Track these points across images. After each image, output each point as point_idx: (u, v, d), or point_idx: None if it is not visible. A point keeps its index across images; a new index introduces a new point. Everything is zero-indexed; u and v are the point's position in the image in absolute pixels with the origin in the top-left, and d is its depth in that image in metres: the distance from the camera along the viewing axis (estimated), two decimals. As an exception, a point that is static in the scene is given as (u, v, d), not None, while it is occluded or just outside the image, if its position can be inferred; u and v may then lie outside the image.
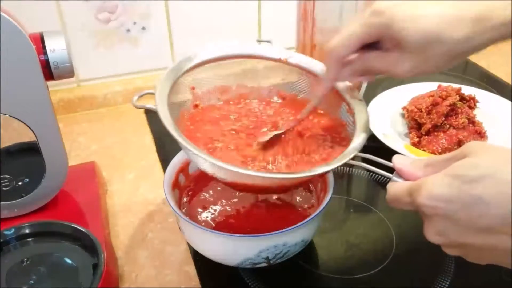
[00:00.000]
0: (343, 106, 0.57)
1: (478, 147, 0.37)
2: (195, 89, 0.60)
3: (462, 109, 0.77)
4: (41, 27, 0.55)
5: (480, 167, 0.35)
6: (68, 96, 0.90)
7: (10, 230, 0.57)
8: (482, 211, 0.35)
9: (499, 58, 1.07)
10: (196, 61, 0.58)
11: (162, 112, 0.50)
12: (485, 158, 0.36)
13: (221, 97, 0.62)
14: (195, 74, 0.59)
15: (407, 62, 0.46)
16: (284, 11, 0.93)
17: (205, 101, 0.61)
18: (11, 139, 0.62)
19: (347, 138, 0.55)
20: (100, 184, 0.69)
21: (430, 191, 0.37)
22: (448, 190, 0.36)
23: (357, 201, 0.69)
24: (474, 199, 0.35)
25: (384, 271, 0.58)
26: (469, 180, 0.35)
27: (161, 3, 0.88)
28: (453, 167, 0.37)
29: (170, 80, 0.55)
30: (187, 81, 0.58)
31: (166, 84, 0.54)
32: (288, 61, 0.60)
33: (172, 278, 0.59)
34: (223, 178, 0.51)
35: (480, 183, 0.35)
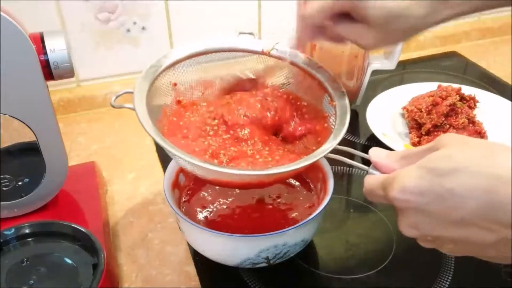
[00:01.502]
0: (326, 98, 0.57)
1: (452, 139, 0.38)
2: (177, 85, 0.59)
3: (462, 109, 0.77)
4: (41, 27, 0.55)
5: (453, 160, 0.35)
6: (68, 96, 0.90)
7: (10, 230, 0.57)
8: (454, 204, 0.35)
9: (499, 58, 1.08)
10: (175, 57, 0.58)
11: (139, 111, 0.50)
12: (458, 151, 0.36)
13: (205, 92, 0.61)
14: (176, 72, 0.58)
15: (371, 35, 0.49)
16: (284, 11, 0.93)
17: (188, 97, 0.60)
18: (11, 139, 0.62)
19: (328, 129, 0.55)
20: (100, 184, 0.69)
21: (402, 184, 0.37)
22: (420, 182, 0.36)
23: (357, 201, 0.69)
24: (446, 191, 0.35)
25: (384, 271, 0.58)
26: (442, 172, 0.35)
27: (161, 3, 0.88)
28: (426, 159, 0.37)
29: (149, 78, 0.55)
30: (167, 78, 0.58)
31: (144, 83, 0.54)
32: (271, 53, 0.60)
33: (172, 278, 0.59)
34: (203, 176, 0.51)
35: (453, 175, 0.35)
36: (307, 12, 0.51)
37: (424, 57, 1.09)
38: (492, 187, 0.34)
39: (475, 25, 1.15)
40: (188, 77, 0.60)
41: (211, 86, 0.62)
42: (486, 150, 0.36)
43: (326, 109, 0.57)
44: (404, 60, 1.04)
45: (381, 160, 0.43)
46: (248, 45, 0.60)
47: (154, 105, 0.55)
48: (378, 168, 0.44)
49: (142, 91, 0.53)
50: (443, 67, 1.04)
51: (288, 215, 0.58)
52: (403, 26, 0.47)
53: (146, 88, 0.53)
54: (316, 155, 0.50)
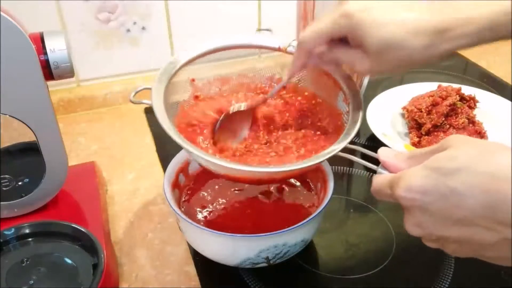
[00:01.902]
0: (340, 95, 0.57)
1: (459, 140, 0.38)
2: (195, 81, 0.60)
3: (462, 109, 0.77)
4: (41, 27, 0.55)
5: (457, 160, 0.36)
6: (68, 96, 0.90)
7: (10, 230, 0.57)
8: (457, 203, 0.35)
9: (499, 58, 1.08)
10: (193, 53, 0.58)
11: (157, 106, 0.51)
12: (463, 151, 0.37)
13: (222, 88, 0.62)
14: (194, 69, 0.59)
15: (367, 62, 0.49)
16: (284, 11, 0.94)
17: (205, 92, 0.61)
18: (11, 139, 0.62)
19: (342, 127, 0.55)
20: (100, 184, 0.69)
21: (408, 183, 0.38)
22: (425, 181, 0.37)
23: (357, 201, 0.69)
24: (450, 190, 0.35)
25: (384, 271, 0.58)
26: (446, 172, 0.36)
27: (161, 3, 0.88)
28: (432, 159, 0.38)
29: (167, 74, 0.55)
30: (186, 74, 0.58)
31: (163, 79, 0.54)
32: (288, 50, 0.60)
33: (172, 278, 0.59)
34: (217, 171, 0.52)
35: (457, 175, 0.35)
36: (303, 36, 0.51)
37: (424, 57, 1.09)
38: (491, 186, 0.34)
39: (475, 25, 1.15)
40: (206, 73, 0.60)
41: (228, 82, 0.62)
42: (487, 149, 0.36)
43: (341, 107, 0.58)
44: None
45: (389, 160, 0.44)
46: (265, 41, 0.61)
47: (172, 101, 0.55)
48: (386, 168, 0.44)
49: (160, 87, 0.53)
50: (443, 67, 1.04)
51: (288, 215, 0.58)
52: (400, 56, 0.47)
53: (164, 84, 0.54)
54: (327, 153, 0.50)
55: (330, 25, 0.49)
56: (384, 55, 0.47)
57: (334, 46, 0.51)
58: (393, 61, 0.48)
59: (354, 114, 0.54)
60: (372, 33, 0.47)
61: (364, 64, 0.49)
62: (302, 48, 0.52)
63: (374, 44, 0.47)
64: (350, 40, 0.49)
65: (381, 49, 0.47)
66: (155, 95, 0.52)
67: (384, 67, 0.49)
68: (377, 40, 0.47)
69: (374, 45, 0.47)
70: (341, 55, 0.51)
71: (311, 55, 0.52)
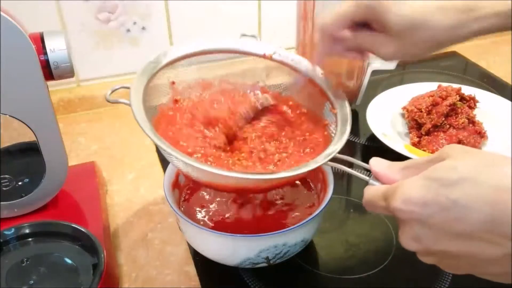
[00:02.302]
0: (327, 105, 0.57)
1: (457, 150, 0.36)
2: (175, 84, 0.58)
3: (462, 109, 0.77)
4: (41, 27, 0.55)
5: (458, 170, 0.34)
6: (68, 96, 0.90)
7: (10, 230, 0.57)
8: (459, 215, 0.34)
9: (499, 58, 1.08)
10: (174, 55, 0.56)
11: (135, 107, 0.49)
12: (464, 162, 0.35)
13: (203, 93, 0.60)
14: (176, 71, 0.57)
15: (391, 45, 0.47)
16: (284, 11, 0.93)
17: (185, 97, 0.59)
18: (11, 139, 0.62)
19: (328, 137, 0.55)
20: (100, 184, 0.69)
21: (406, 195, 0.36)
22: (424, 193, 0.35)
23: (357, 201, 0.69)
24: (451, 202, 0.34)
25: (384, 271, 0.58)
26: (447, 183, 0.34)
27: (161, 3, 0.88)
28: (431, 170, 0.36)
29: (147, 74, 0.54)
30: (166, 76, 0.57)
31: (142, 79, 0.53)
32: (273, 57, 0.59)
33: (172, 278, 0.59)
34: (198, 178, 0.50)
35: (458, 186, 0.34)
36: (325, 20, 0.49)
37: (424, 57, 1.09)
38: (495, 198, 0.33)
39: (475, 25, 1.15)
40: (186, 76, 0.59)
41: (209, 87, 0.60)
42: (487, 160, 0.35)
43: (327, 116, 0.57)
44: (404, 60, 1.04)
45: (382, 171, 0.42)
46: (250, 47, 0.59)
47: (151, 102, 0.54)
48: (379, 179, 0.42)
49: (139, 87, 0.52)
50: (443, 67, 1.04)
51: (288, 215, 0.58)
52: (425, 37, 0.45)
53: (143, 84, 0.52)
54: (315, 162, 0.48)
55: (352, 7, 0.47)
56: (408, 36, 0.45)
57: (357, 31, 0.49)
58: (419, 43, 0.46)
59: (342, 124, 0.53)
60: (395, 11, 0.44)
61: (389, 47, 0.47)
62: (325, 34, 0.50)
63: (398, 23, 0.44)
64: (373, 22, 0.47)
65: (405, 29, 0.45)
66: (134, 95, 0.50)
67: (409, 50, 0.47)
68: (401, 19, 0.44)
69: (397, 24, 0.45)
70: (364, 40, 0.49)
71: (335, 41, 0.50)
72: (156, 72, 0.55)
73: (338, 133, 0.52)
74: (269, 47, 0.59)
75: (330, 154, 0.49)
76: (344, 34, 0.49)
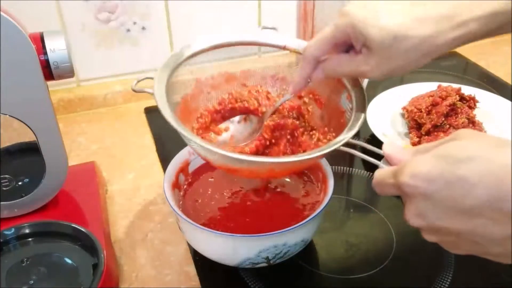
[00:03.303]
0: (344, 93, 0.57)
1: (469, 133, 0.37)
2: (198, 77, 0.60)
3: (462, 109, 0.77)
4: (41, 27, 0.55)
5: (467, 149, 0.35)
6: (68, 96, 0.90)
7: (10, 230, 0.57)
8: (464, 192, 0.34)
9: (499, 58, 1.08)
10: (196, 48, 0.58)
11: (158, 95, 0.51)
12: (473, 142, 0.36)
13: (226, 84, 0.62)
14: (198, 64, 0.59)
15: (373, 61, 0.47)
16: (284, 11, 0.93)
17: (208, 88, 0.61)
18: (11, 139, 0.62)
19: (344, 124, 0.55)
20: (100, 184, 0.69)
21: (413, 170, 0.36)
22: (431, 169, 0.36)
23: (357, 201, 0.69)
24: (458, 178, 0.34)
25: (384, 271, 0.58)
26: (455, 160, 0.35)
27: (161, 3, 0.88)
28: (441, 148, 0.37)
29: (170, 66, 0.55)
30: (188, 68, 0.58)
31: (165, 70, 0.54)
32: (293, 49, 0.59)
33: (172, 278, 0.59)
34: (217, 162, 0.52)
35: (466, 163, 0.34)
36: (308, 45, 0.50)
37: (424, 57, 1.09)
38: (504, 176, 0.33)
39: (475, 25, 1.15)
40: (209, 69, 0.60)
41: (232, 79, 0.62)
42: (498, 142, 0.35)
43: (344, 104, 0.57)
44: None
45: (395, 154, 0.43)
46: (270, 39, 0.60)
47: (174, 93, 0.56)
48: (390, 162, 0.43)
49: (163, 78, 0.53)
50: (443, 67, 1.04)
51: (288, 215, 0.58)
52: (405, 47, 0.45)
53: (166, 75, 0.54)
54: (331, 146, 0.50)
55: (330, 29, 0.48)
56: (389, 49, 0.45)
57: (337, 55, 0.50)
58: (400, 55, 0.46)
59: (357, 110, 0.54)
60: (372, 25, 0.45)
61: (371, 64, 0.47)
62: (307, 58, 0.51)
63: (379, 36, 0.45)
64: (354, 40, 0.47)
65: (385, 41, 0.45)
66: (158, 84, 0.52)
67: (392, 64, 0.47)
68: (382, 31, 0.44)
69: (378, 37, 0.45)
70: (345, 62, 0.49)
71: (317, 67, 0.51)
72: (179, 63, 0.56)
73: (352, 120, 0.53)
74: (289, 40, 0.60)
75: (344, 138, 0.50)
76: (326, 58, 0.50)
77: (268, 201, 0.60)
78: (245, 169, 0.52)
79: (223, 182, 0.62)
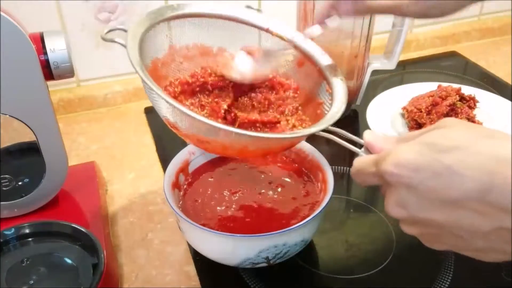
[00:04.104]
0: (323, 85, 0.57)
1: (454, 122, 0.36)
2: (173, 42, 0.57)
3: (462, 109, 0.77)
4: (41, 27, 0.55)
5: (455, 138, 0.34)
6: (68, 96, 0.90)
7: (10, 230, 0.57)
8: (450, 182, 0.33)
9: (499, 58, 1.08)
10: (178, 11, 0.56)
11: (131, 49, 0.48)
12: (461, 131, 0.34)
13: (200, 58, 0.59)
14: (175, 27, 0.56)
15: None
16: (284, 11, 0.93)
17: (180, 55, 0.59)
18: (11, 139, 0.62)
19: (321, 116, 0.54)
20: (100, 184, 0.69)
21: (398, 158, 0.34)
22: (417, 157, 0.34)
23: (357, 201, 0.69)
24: (444, 168, 0.33)
25: (384, 271, 0.58)
26: (442, 149, 0.33)
27: (161, 3, 0.88)
28: (426, 135, 0.35)
29: (147, 23, 0.53)
30: (165, 30, 0.56)
31: (142, 25, 0.52)
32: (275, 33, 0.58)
33: (172, 278, 0.59)
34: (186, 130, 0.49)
35: (454, 152, 0.33)
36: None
37: (424, 57, 1.09)
38: (493, 168, 0.31)
39: (475, 25, 1.15)
40: (185, 37, 0.58)
41: (207, 53, 0.59)
42: (486, 132, 0.34)
43: (322, 96, 0.57)
44: (404, 60, 1.04)
45: (375, 142, 0.41)
46: (253, 19, 0.59)
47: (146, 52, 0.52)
48: (372, 150, 0.41)
49: (137, 33, 0.51)
50: (443, 67, 1.04)
51: (288, 215, 0.58)
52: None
53: (141, 31, 0.51)
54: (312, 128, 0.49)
55: None
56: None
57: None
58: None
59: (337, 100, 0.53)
60: None
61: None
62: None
63: None
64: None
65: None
66: (131, 38, 0.49)
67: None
68: None
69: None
70: None
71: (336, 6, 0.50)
72: (156, 22, 0.54)
73: (334, 106, 0.52)
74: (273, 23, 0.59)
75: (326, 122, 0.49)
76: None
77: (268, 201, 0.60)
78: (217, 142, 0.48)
79: (223, 182, 0.62)
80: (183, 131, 0.49)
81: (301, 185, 0.62)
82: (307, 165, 0.63)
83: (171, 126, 0.51)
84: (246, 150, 0.49)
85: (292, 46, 0.59)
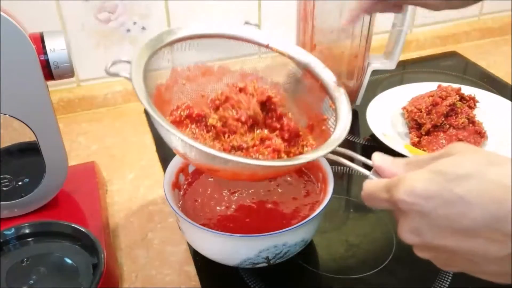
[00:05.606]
0: (326, 100, 0.57)
1: (462, 147, 0.37)
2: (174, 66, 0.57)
3: (462, 109, 0.77)
4: (41, 27, 0.55)
5: (465, 166, 0.34)
6: (68, 96, 0.90)
7: (10, 230, 0.57)
8: (463, 211, 0.33)
9: (499, 58, 1.08)
10: (178, 35, 0.56)
11: (136, 82, 0.48)
12: (470, 158, 0.35)
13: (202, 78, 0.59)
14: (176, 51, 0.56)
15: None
16: (284, 11, 0.93)
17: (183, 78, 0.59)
18: (11, 139, 0.62)
19: (327, 132, 0.54)
20: (100, 184, 0.69)
21: (410, 186, 0.35)
22: (429, 186, 0.34)
23: (357, 201, 0.69)
24: (456, 197, 0.33)
25: (384, 271, 0.58)
26: (454, 178, 0.34)
27: (161, 3, 0.88)
28: (437, 163, 0.36)
29: (149, 51, 0.53)
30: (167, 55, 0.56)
31: (144, 54, 0.52)
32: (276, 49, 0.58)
33: (172, 278, 0.59)
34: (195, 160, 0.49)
35: (464, 181, 0.33)
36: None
37: (424, 57, 1.09)
38: (501, 196, 0.32)
39: (475, 25, 1.15)
40: (186, 59, 0.58)
41: (209, 73, 0.60)
42: (495, 159, 0.35)
43: (325, 111, 0.57)
44: (404, 60, 1.04)
45: (385, 165, 0.42)
46: (253, 36, 0.59)
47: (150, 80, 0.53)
48: (381, 173, 0.42)
49: (140, 64, 0.51)
50: (443, 67, 1.04)
51: (288, 215, 0.58)
52: None
53: (144, 61, 0.51)
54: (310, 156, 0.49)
55: None
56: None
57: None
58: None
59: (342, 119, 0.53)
60: None
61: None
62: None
63: None
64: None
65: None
66: (135, 69, 0.49)
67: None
68: None
69: None
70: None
71: None
72: (157, 49, 0.54)
73: (338, 128, 0.52)
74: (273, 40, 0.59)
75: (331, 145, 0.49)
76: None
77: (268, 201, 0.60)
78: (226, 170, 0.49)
79: (223, 182, 0.62)
80: (193, 161, 0.50)
81: (301, 185, 0.62)
82: (307, 165, 0.63)
83: (181, 156, 0.52)
84: (256, 175, 0.51)
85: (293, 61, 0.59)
